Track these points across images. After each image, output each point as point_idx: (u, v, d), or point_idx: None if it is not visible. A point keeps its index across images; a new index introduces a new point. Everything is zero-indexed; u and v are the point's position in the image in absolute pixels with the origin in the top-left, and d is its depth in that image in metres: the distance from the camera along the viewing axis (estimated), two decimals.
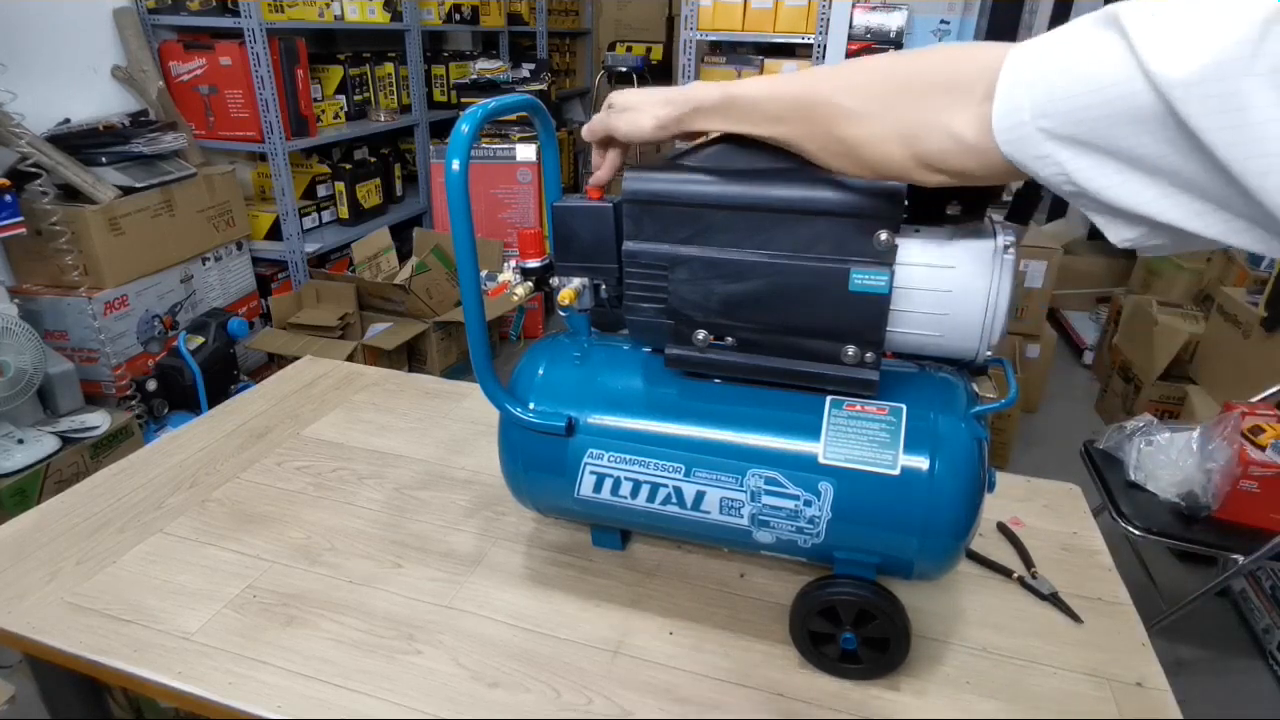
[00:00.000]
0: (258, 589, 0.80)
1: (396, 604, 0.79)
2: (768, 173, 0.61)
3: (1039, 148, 0.43)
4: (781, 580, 0.83)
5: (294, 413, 1.17)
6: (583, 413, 0.72)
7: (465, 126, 0.62)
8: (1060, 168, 0.43)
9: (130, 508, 0.93)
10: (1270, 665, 1.76)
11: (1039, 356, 2.72)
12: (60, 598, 0.78)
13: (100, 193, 2.13)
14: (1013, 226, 0.62)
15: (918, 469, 0.63)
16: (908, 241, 0.60)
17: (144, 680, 0.70)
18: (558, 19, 4.79)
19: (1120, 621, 0.78)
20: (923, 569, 0.67)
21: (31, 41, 2.20)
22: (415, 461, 1.04)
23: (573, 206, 0.70)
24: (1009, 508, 0.95)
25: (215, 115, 2.67)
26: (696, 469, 0.68)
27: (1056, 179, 0.44)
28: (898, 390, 0.66)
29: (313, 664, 0.71)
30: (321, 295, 2.72)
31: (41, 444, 1.90)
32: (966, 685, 0.70)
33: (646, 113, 0.63)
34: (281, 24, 2.62)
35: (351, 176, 3.09)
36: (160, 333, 2.37)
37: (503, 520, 0.92)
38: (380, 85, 3.31)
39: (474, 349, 0.71)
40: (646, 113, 0.63)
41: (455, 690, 0.69)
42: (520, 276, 0.74)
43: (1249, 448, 1.51)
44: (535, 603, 0.79)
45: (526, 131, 3.24)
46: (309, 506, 0.94)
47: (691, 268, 0.64)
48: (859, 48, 2.65)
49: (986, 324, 0.60)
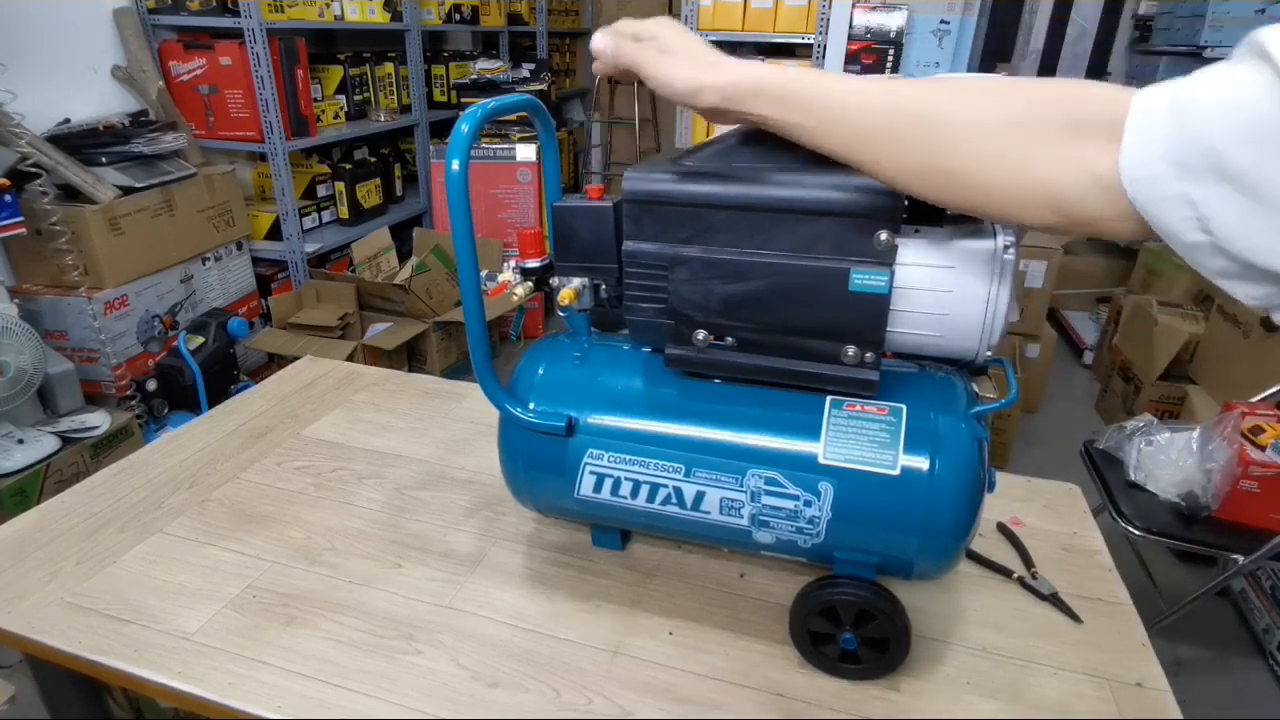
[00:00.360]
0: (258, 589, 0.80)
1: (396, 604, 0.79)
2: (768, 172, 0.61)
3: (1170, 187, 0.39)
4: (781, 580, 0.83)
5: (294, 413, 1.17)
6: (583, 413, 0.72)
7: (465, 126, 0.62)
8: (1192, 209, 0.39)
9: (130, 508, 0.93)
10: (1270, 665, 1.76)
11: (1039, 356, 2.72)
12: (60, 598, 0.78)
13: (100, 193, 2.13)
14: (1013, 227, 0.62)
15: (918, 469, 0.63)
16: (908, 241, 0.60)
17: (144, 680, 0.70)
18: (558, 19, 4.79)
19: (1120, 621, 0.78)
20: (923, 569, 0.67)
21: (31, 41, 2.20)
22: (415, 461, 1.04)
23: (573, 206, 0.70)
24: (1009, 508, 0.95)
25: (215, 115, 2.67)
26: (696, 469, 0.68)
27: (1184, 224, 0.40)
28: (898, 390, 0.66)
29: (313, 664, 0.71)
30: (321, 295, 2.72)
31: (41, 444, 1.90)
32: (966, 685, 0.70)
33: (683, 68, 0.55)
34: (281, 24, 2.62)
35: (351, 176, 3.09)
36: (160, 333, 2.37)
37: (503, 520, 0.92)
38: (380, 85, 3.31)
39: (474, 349, 0.71)
40: (683, 68, 0.55)
41: (455, 690, 0.69)
42: (520, 276, 0.74)
43: (1249, 448, 1.51)
44: (535, 603, 0.79)
45: (526, 131, 3.24)
46: (309, 506, 0.94)
47: (691, 268, 0.64)
48: (859, 47, 2.65)
49: (986, 324, 0.60)
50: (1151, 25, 3.32)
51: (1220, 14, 2.74)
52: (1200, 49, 2.74)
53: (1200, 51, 2.75)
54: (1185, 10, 2.92)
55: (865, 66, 2.64)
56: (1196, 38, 2.77)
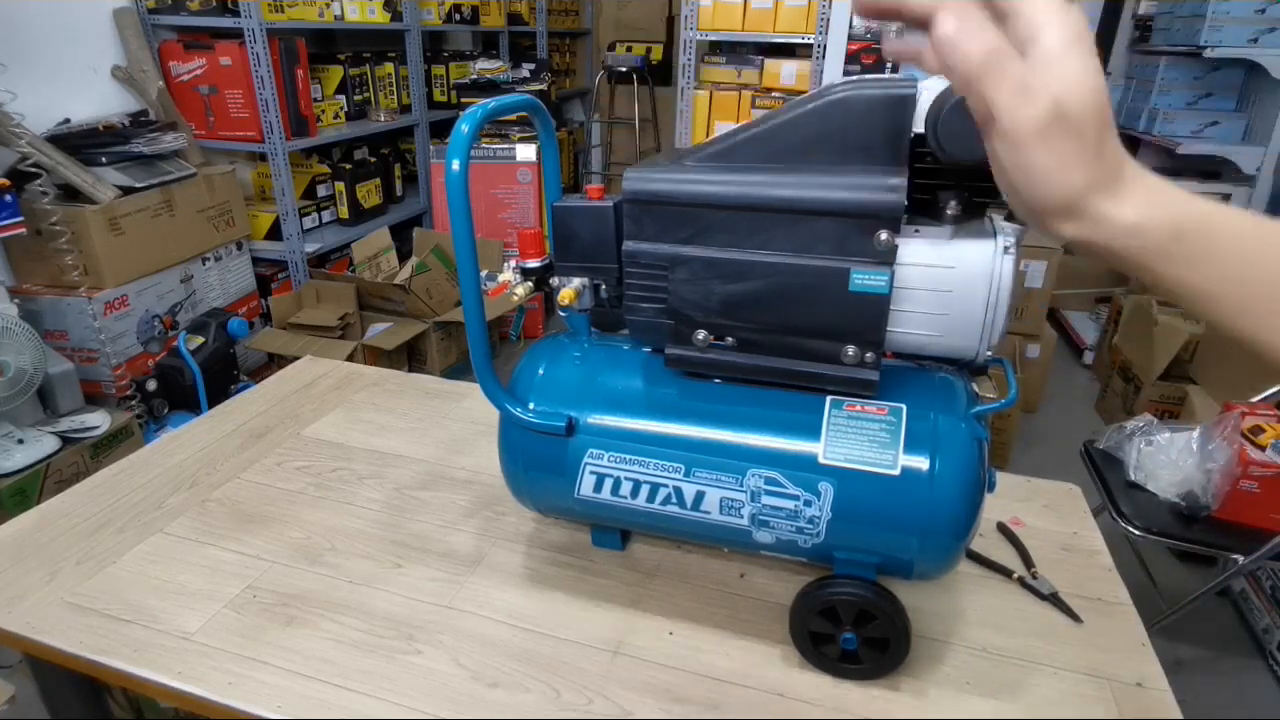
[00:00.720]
0: (258, 589, 0.80)
1: (396, 604, 0.79)
2: (768, 172, 0.61)
3: None
4: (781, 580, 0.83)
5: (294, 413, 1.17)
6: (583, 413, 0.72)
7: (465, 126, 0.62)
8: None
9: (130, 508, 0.93)
10: (1270, 665, 1.76)
11: (1039, 356, 2.72)
12: (60, 598, 0.78)
13: (100, 193, 2.13)
14: (1013, 226, 0.62)
15: (918, 469, 0.63)
16: (908, 241, 0.60)
17: (144, 680, 0.70)
18: (558, 19, 4.79)
19: (1120, 621, 0.78)
20: (923, 569, 0.67)
21: (32, 41, 2.20)
22: (415, 461, 1.04)
23: (573, 206, 0.70)
24: (1009, 508, 0.95)
25: (215, 115, 2.67)
26: (696, 469, 0.68)
27: None
28: (898, 390, 0.66)
29: (313, 664, 0.71)
30: (321, 295, 2.72)
31: (41, 444, 1.90)
32: (966, 685, 0.70)
33: (1077, 169, 0.33)
34: (281, 24, 2.62)
35: (351, 176, 3.09)
36: (160, 333, 2.37)
37: (503, 520, 0.92)
38: (380, 85, 3.31)
39: (474, 349, 0.71)
40: (1077, 169, 0.33)
41: (455, 690, 0.69)
42: (520, 276, 0.74)
43: (1249, 448, 1.51)
44: (535, 603, 0.79)
45: (526, 131, 3.24)
46: (309, 506, 0.94)
47: (691, 268, 0.64)
48: (859, 48, 2.65)
49: (986, 324, 0.60)
50: (1151, 25, 3.32)
51: (1220, 14, 2.74)
52: (1200, 49, 2.75)
53: (1200, 51, 2.75)
54: (1185, 10, 2.92)
55: (865, 67, 2.64)
56: (1196, 38, 2.78)
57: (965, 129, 0.55)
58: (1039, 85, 0.32)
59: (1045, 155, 0.33)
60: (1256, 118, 2.97)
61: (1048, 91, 0.32)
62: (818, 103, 0.60)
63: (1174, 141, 2.98)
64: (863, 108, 0.59)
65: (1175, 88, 3.15)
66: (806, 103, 0.61)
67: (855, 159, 0.60)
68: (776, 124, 0.62)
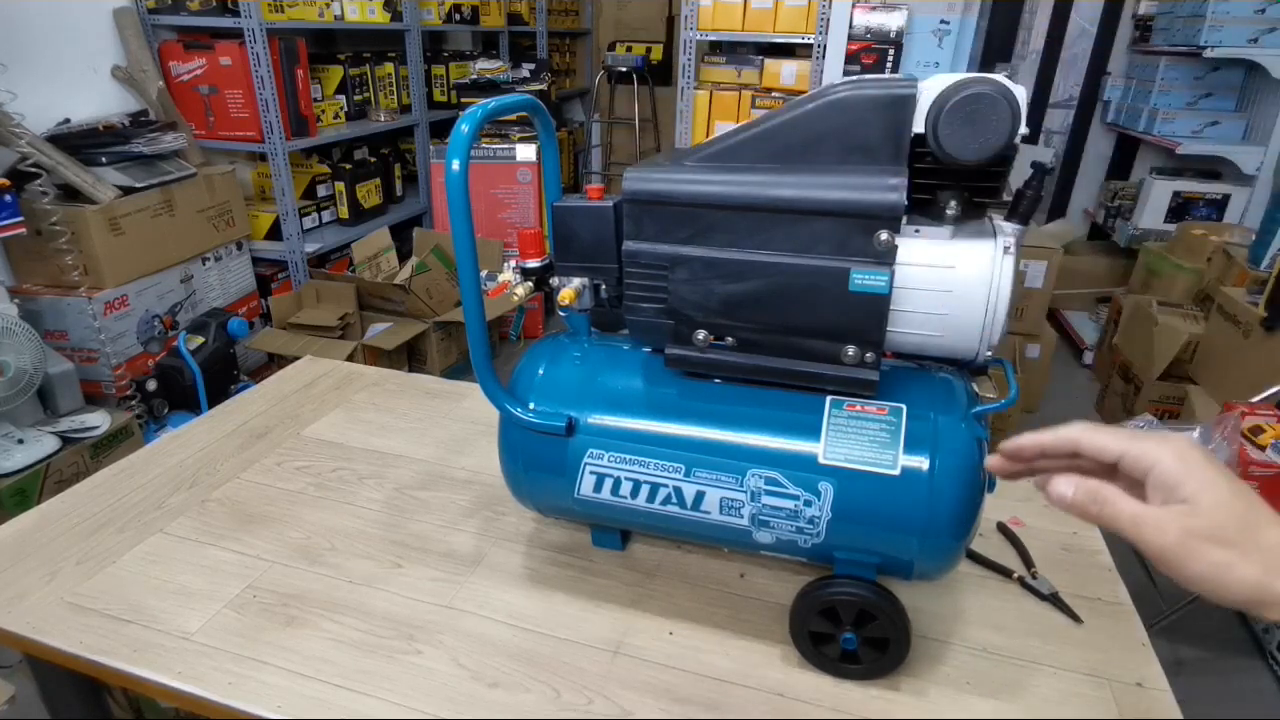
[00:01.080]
0: (258, 589, 0.80)
1: (396, 604, 0.79)
2: (768, 172, 0.61)
3: None
4: (781, 580, 0.83)
5: (294, 413, 1.17)
6: (583, 413, 0.72)
7: (465, 126, 0.62)
8: None
9: (130, 508, 0.93)
10: (1270, 665, 1.76)
11: (1039, 357, 2.72)
12: (60, 598, 0.78)
13: (100, 193, 2.13)
14: (1013, 226, 0.62)
15: (918, 469, 0.63)
16: (908, 241, 0.60)
17: (144, 680, 0.70)
18: (558, 19, 4.79)
19: (1120, 621, 0.78)
20: (923, 569, 0.67)
21: (32, 41, 2.20)
22: (415, 461, 1.04)
23: (573, 206, 0.70)
24: (1009, 508, 0.95)
25: (215, 115, 2.67)
26: (696, 469, 0.68)
27: None
28: (898, 390, 0.66)
29: (313, 664, 0.71)
30: (321, 295, 2.72)
31: (41, 444, 1.90)
32: (966, 685, 0.70)
33: (1251, 568, 0.36)
34: (281, 24, 2.62)
35: (351, 176, 3.09)
36: (160, 333, 2.37)
37: (503, 520, 0.92)
38: (380, 85, 3.31)
39: (474, 349, 0.71)
40: (1251, 568, 0.36)
41: (455, 690, 0.69)
42: (520, 276, 0.74)
43: (1249, 448, 1.51)
44: (535, 603, 0.79)
45: (526, 131, 3.24)
46: (309, 506, 0.94)
47: (691, 268, 0.64)
48: (859, 47, 2.65)
49: (987, 324, 0.60)
50: (1151, 25, 3.32)
51: (1220, 14, 2.74)
52: (1200, 49, 2.75)
53: (1200, 51, 2.75)
54: (1185, 10, 2.92)
55: (865, 67, 2.64)
56: (1196, 38, 2.78)
57: (965, 129, 0.55)
58: (1161, 515, 0.36)
59: (1201, 568, 0.36)
60: (1256, 118, 2.97)
61: (1185, 514, 0.36)
62: (818, 103, 0.60)
63: (1174, 141, 2.98)
64: (863, 107, 0.59)
65: (1175, 88, 3.15)
66: (806, 103, 0.61)
67: (855, 159, 0.60)
68: (776, 124, 0.62)
